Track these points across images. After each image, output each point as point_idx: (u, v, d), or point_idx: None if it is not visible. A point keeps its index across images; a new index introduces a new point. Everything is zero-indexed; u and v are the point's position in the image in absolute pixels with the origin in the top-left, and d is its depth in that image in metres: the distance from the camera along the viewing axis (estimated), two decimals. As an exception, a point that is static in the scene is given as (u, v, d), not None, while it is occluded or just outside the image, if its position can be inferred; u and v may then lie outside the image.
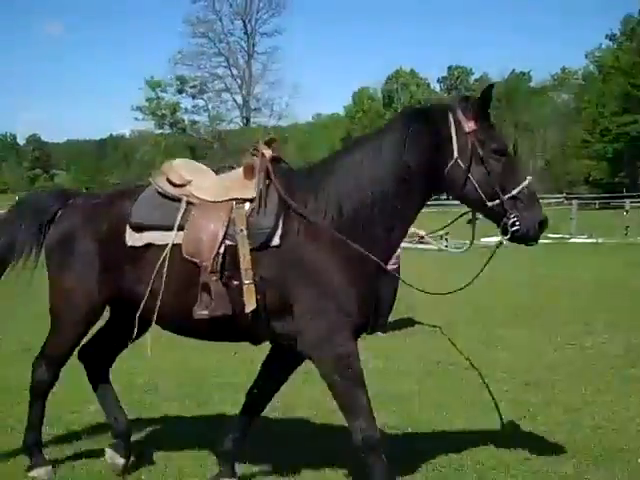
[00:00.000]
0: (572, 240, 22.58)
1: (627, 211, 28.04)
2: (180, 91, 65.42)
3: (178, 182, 3.97)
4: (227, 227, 3.74)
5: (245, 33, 66.85)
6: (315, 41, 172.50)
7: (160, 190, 3.99)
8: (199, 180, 4.00)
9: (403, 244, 4.83)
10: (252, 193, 3.80)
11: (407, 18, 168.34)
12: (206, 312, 3.71)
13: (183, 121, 66.51)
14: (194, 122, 67.15)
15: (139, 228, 3.93)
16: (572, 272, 13.70)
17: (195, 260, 3.74)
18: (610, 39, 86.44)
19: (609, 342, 7.81)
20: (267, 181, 3.84)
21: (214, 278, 3.69)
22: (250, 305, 3.65)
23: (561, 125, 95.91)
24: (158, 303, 3.82)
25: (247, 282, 3.66)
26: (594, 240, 22.39)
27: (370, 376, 6.40)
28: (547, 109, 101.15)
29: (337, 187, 3.77)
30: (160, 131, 67.20)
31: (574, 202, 29.24)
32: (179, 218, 3.84)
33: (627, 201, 33.48)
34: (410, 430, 5.16)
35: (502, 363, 7.02)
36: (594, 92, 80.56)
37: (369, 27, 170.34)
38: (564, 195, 58.18)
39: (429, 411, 5.57)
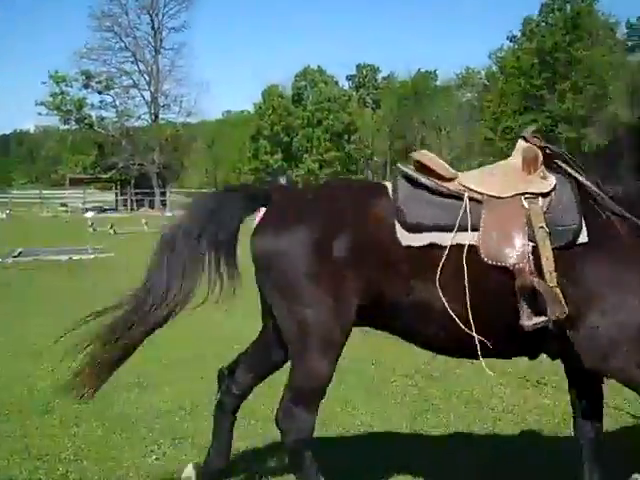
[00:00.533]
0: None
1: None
2: (86, 86, 63.90)
3: (448, 176, 3.56)
4: (527, 225, 3.33)
5: (152, 28, 65.84)
6: (223, 37, 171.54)
7: (432, 185, 3.52)
8: (467, 174, 3.69)
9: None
10: (544, 187, 3.44)
11: (317, 16, 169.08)
12: (537, 319, 3.25)
13: (90, 117, 65.02)
14: (101, 118, 65.76)
15: (416, 228, 3.42)
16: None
17: (502, 263, 3.31)
18: (511, 40, 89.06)
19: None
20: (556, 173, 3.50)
21: (535, 280, 3.23)
22: (560, 310, 3.22)
23: (466, 123, 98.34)
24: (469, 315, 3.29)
25: (552, 285, 3.24)
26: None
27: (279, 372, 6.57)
28: (452, 107, 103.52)
29: None
30: (66, 127, 65.54)
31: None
32: (466, 216, 3.39)
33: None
34: (317, 427, 5.22)
35: (407, 358, 7.17)
36: (496, 91, 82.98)
37: (277, 24, 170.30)
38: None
39: (334, 407, 5.65)
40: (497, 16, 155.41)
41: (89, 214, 45.42)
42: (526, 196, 3.42)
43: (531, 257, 3.31)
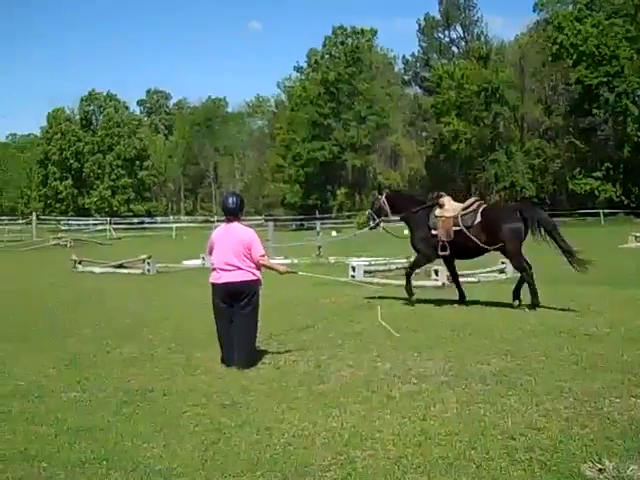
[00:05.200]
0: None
1: (319, 232, 30.08)
2: None
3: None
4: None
5: None
6: (5, 56, 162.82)
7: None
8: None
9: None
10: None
11: (104, 38, 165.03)
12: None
13: None
14: None
15: None
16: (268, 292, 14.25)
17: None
18: (298, 70, 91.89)
19: (300, 360, 8.28)
20: None
21: None
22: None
23: (258, 150, 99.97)
24: None
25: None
26: (289, 261, 23.55)
27: (64, 408, 6.32)
28: (244, 134, 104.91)
29: None
30: None
31: (270, 224, 30.61)
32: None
33: (318, 223, 35.81)
34: (105, 464, 5.09)
35: (201, 387, 7.16)
36: (285, 119, 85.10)
37: (62, 46, 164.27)
38: (263, 217, 60.59)
39: (125, 442, 5.53)
40: (284, 44, 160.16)
41: None
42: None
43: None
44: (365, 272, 16.86)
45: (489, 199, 74.79)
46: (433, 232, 12.42)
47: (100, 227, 64.86)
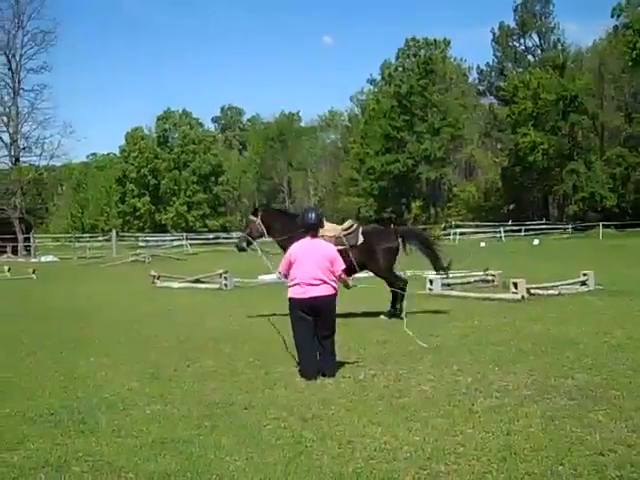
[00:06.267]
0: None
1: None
2: (-62, 127, 61.09)
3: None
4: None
5: (9, 69, 63.90)
6: (87, 79, 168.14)
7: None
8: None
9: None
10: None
11: (178, 58, 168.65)
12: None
13: (-55, 160, 62.11)
14: (-43, 161, 62.93)
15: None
16: (346, 306, 14.26)
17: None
18: (371, 83, 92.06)
19: (379, 373, 8.23)
20: None
21: None
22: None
23: (331, 164, 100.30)
24: None
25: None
26: (365, 275, 23.44)
27: (148, 420, 6.43)
28: (317, 149, 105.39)
29: None
30: None
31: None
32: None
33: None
34: (189, 476, 5.15)
35: (281, 401, 7.18)
36: (358, 133, 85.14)
37: (140, 67, 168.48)
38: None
39: (207, 454, 5.57)
40: (357, 58, 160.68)
41: (-53, 261, 43.08)
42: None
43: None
44: (442, 285, 16.67)
45: (567, 210, 73.43)
46: None
47: (176, 242, 66.09)
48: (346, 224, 13.14)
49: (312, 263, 8.28)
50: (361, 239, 12.79)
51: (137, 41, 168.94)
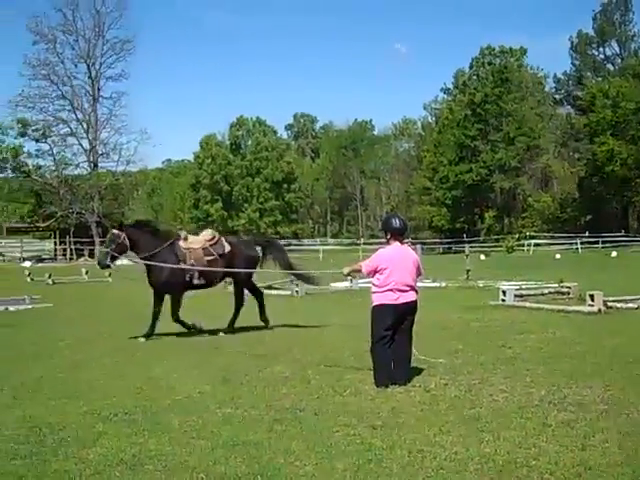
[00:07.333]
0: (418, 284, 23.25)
1: (467, 255, 29.66)
2: (22, 134, 63.19)
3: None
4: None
5: (89, 77, 65.76)
6: (163, 86, 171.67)
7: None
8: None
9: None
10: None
11: (252, 66, 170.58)
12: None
13: (26, 165, 64.16)
14: (38, 167, 64.94)
15: None
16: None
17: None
18: (444, 92, 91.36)
19: (450, 383, 8.15)
20: None
21: None
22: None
23: (404, 172, 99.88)
24: None
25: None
26: (438, 284, 23.30)
27: (219, 423, 6.51)
28: (390, 157, 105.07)
29: None
30: (1, 175, 64.54)
31: (418, 247, 30.40)
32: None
33: (466, 246, 35.32)
34: (260, 479, 5.19)
35: (351, 408, 7.18)
36: (432, 141, 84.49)
37: (213, 74, 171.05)
38: (409, 240, 60.35)
39: (277, 458, 5.61)
40: (430, 66, 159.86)
41: (26, 263, 44.49)
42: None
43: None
44: (516, 296, 16.41)
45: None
46: (182, 265, 12.58)
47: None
48: (207, 235, 13.38)
49: (405, 269, 8.34)
50: (228, 248, 13.12)
51: (212, 49, 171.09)
